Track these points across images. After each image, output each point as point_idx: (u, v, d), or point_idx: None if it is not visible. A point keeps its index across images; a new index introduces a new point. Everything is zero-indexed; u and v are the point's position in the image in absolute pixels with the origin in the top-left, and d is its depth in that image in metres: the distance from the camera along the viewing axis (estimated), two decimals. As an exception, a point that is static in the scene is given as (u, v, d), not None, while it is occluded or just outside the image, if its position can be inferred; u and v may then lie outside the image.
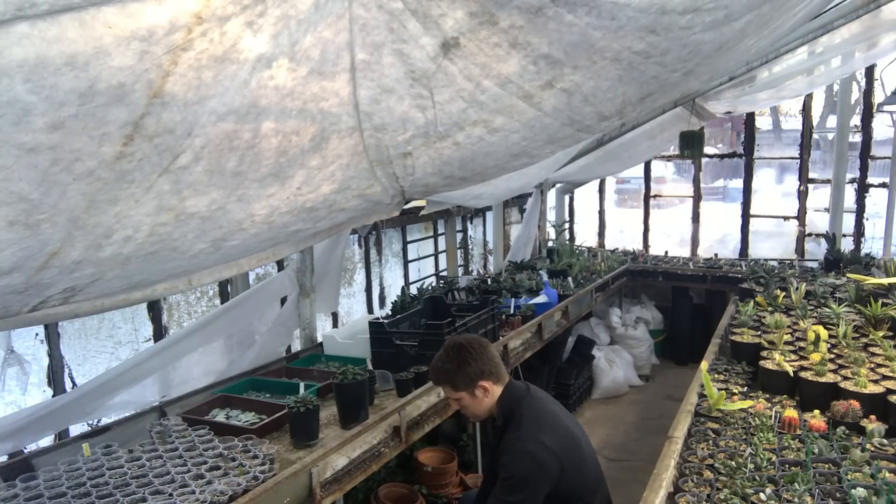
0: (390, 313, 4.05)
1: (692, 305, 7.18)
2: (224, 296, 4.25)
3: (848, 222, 6.88)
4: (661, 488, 2.23)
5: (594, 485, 2.49)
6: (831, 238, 6.30)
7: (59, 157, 1.24)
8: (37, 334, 3.37)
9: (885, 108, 6.37)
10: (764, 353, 3.50)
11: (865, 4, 4.12)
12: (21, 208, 1.30)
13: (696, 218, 7.75)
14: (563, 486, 2.35)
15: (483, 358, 2.47)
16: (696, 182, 7.77)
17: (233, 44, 1.28)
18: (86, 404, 3.13)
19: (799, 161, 7.12)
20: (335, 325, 5.02)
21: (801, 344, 3.59)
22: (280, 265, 4.47)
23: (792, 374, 3.14)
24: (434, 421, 3.17)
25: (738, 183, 8.22)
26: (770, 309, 4.44)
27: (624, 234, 8.76)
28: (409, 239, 6.19)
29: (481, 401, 2.48)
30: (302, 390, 3.08)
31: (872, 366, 3.22)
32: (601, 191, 8.40)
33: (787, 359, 3.32)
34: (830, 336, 3.63)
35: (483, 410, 2.50)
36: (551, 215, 7.93)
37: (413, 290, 5.06)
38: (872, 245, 6.98)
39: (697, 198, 7.73)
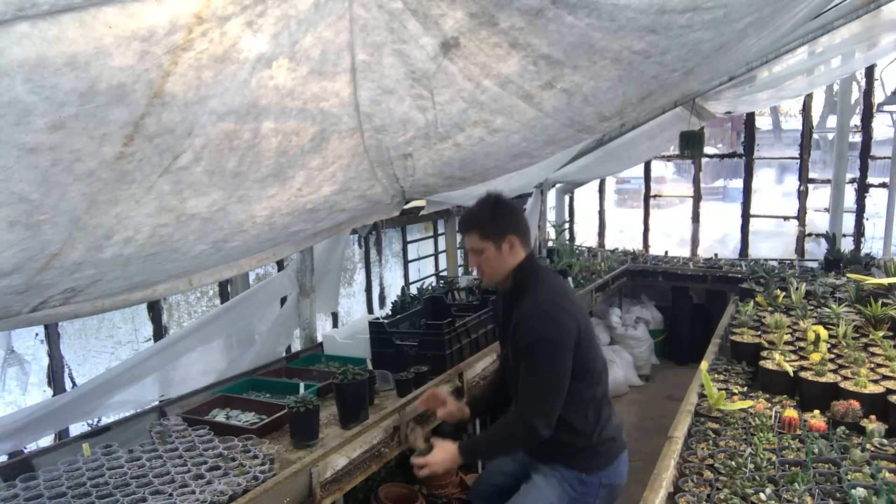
0: (390, 313, 4.05)
1: (692, 305, 7.18)
2: (224, 296, 4.25)
3: (848, 222, 6.88)
4: (661, 488, 2.23)
5: (601, 368, 2.46)
6: (831, 238, 6.30)
7: (60, 157, 1.24)
8: (37, 334, 3.37)
9: (885, 108, 6.37)
10: (764, 353, 3.50)
11: (865, 4, 4.12)
12: (22, 209, 1.30)
13: (696, 218, 7.75)
14: (576, 357, 2.30)
15: (517, 215, 2.43)
16: (696, 182, 7.77)
17: (233, 44, 1.28)
18: (86, 404, 3.13)
19: (799, 161, 7.12)
20: (335, 325, 5.02)
21: (801, 344, 3.60)
22: (280, 265, 4.47)
23: (792, 374, 3.14)
24: (434, 421, 3.17)
25: (738, 183, 8.22)
26: (770, 309, 4.44)
27: (624, 234, 8.76)
28: (409, 239, 6.19)
29: (504, 258, 2.39)
30: (302, 390, 3.08)
31: (872, 366, 3.22)
32: (601, 191, 8.40)
33: (787, 359, 3.32)
34: (830, 336, 3.63)
35: (503, 270, 2.41)
36: (551, 215, 7.93)
37: (413, 290, 5.06)
38: (872, 245, 6.98)
39: (697, 198, 7.74)
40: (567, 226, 8.04)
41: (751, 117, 7.39)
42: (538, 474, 2.50)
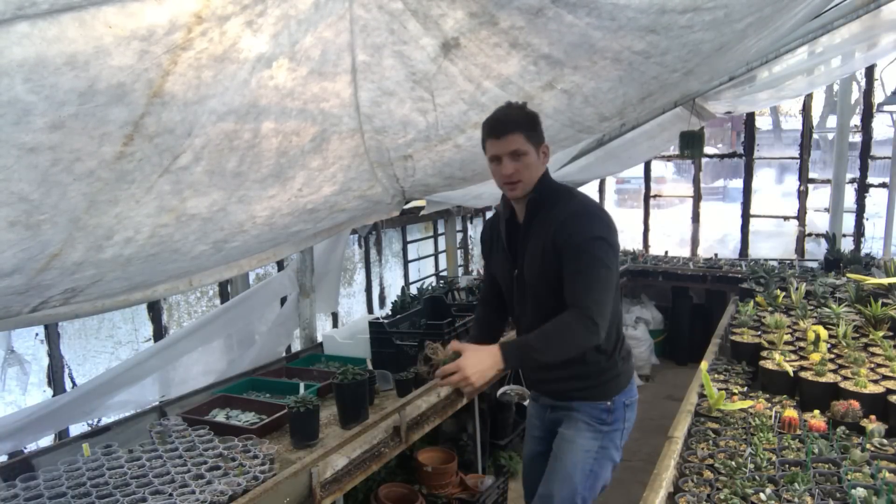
0: (390, 313, 4.05)
1: (692, 305, 7.18)
2: (224, 296, 4.25)
3: (848, 222, 6.87)
4: (661, 488, 2.23)
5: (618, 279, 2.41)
6: (831, 238, 6.30)
7: (60, 157, 1.24)
8: (37, 334, 3.37)
9: (885, 108, 6.37)
10: (764, 353, 3.50)
11: (865, 4, 4.12)
12: (22, 209, 1.30)
13: (696, 218, 7.75)
14: None
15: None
16: (696, 182, 7.77)
17: (233, 43, 1.28)
18: (86, 404, 3.13)
19: (799, 161, 7.12)
20: (335, 325, 5.01)
21: (801, 344, 3.59)
22: (280, 265, 4.47)
23: (792, 374, 3.14)
24: (434, 421, 3.17)
25: (738, 183, 8.21)
26: (770, 309, 4.44)
27: (624, 234, 8.75)
28: (409, 239, 6.19)
29: (540, 166, 2.23)
30: (302, 390, 3.08)
31: (872, 366, 3.21)
32: (601, 191, 8.40)
33: (787, 359, 3.32)
34: (830, 336, 3.63)
35: (534, 178, 2.23)
36: (551, 215, 7.91)
37: (413, 290, 5.05)
38: (872, 245, 6.98)
39: (697, 198, 7.73)
40: (567, 226, 8.02)
41: (751, 117, 7.39)
42: (563, 427, 2.45)
